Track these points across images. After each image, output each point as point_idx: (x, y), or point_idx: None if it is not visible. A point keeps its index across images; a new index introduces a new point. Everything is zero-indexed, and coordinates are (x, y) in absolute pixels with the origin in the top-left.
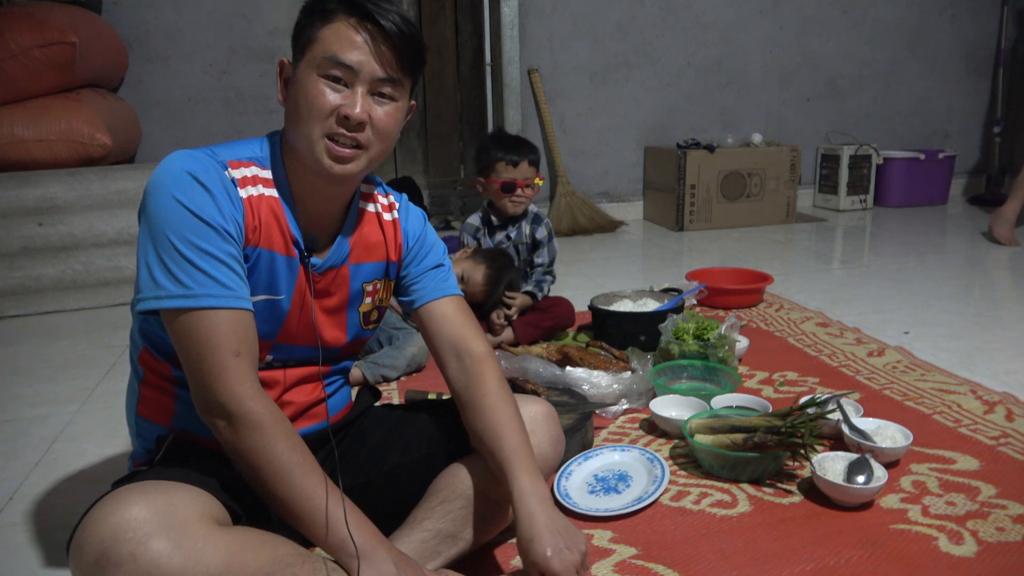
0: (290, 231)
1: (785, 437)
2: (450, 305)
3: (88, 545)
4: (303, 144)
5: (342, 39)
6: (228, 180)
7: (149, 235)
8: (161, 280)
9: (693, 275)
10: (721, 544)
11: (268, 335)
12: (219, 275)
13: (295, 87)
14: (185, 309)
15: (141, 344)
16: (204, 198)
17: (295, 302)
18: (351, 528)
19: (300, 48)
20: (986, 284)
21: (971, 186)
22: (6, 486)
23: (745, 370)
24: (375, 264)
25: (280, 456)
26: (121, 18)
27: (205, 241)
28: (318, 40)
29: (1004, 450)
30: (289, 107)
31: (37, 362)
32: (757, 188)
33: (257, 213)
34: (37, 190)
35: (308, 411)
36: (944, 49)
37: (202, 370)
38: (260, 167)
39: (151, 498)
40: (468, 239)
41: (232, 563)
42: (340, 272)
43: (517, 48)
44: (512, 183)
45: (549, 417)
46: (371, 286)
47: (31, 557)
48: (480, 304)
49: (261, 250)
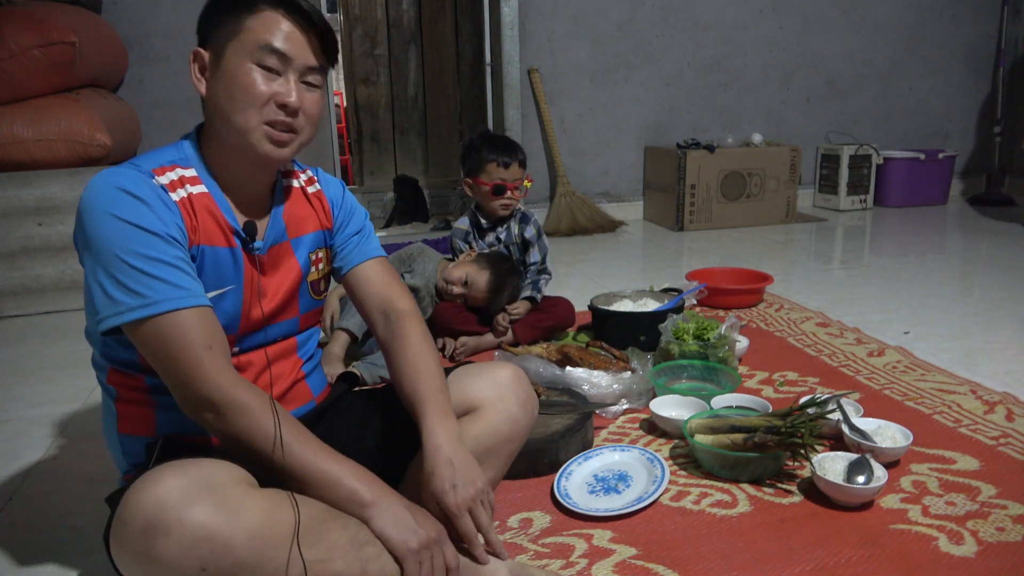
0: (227, 222)
1: (785, 437)
2: (375, 267)
3: (133, 521)
4: (237, 132)
5: (273, 28)
6: (158, 187)
7: (94, 257)
8: (117, 296)
9: (693, 275)
10: (721, 544)
11: (229, 327)
12: (172, 278)
13: (225, 77)
14: (147, 318)
15: (107, 366)
16: (140, 208)
17: (247, 289)
18: (358, 481)
19: (222, 38)
20: (986, 284)
21: (971, 186)
22: (6, 486)
23: (745, 370)
24: (313, 234)
25: (274, 431)
26: (121, 18)
27: (151, 249)
28: (246, 30)
29: (1004, 450)
30: (217, 96)
31: (37, 362)
32: (757, 188)
33: (192, 213)
34: (37, 190)
35: (290, 392)
36: (944, 49)
37: (179, 370)
38: (183, 167)
39: (185, 470)
40: (460, 244)
41: (271, 519)
42: (283, 247)
43: (517, 48)
44: (503, 185)
45: (515, 379)
46: (314, 255)
47: (31, 557)
48: (482, 308)
49: (204, 247)
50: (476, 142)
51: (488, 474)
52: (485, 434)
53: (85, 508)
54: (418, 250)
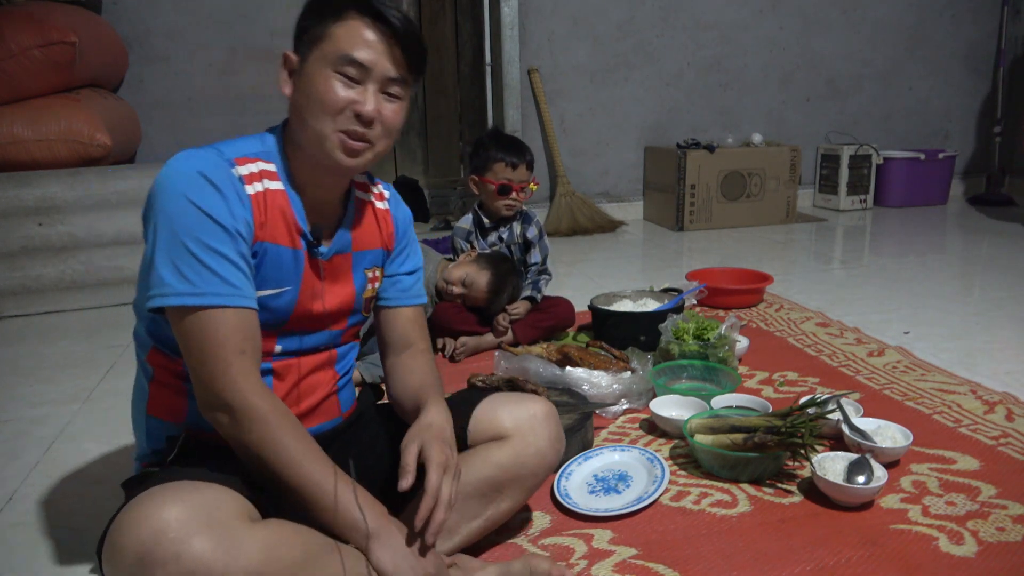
0: (297, 223)
1: (785, 437)
2: (415, 312)
3: (128, 547)
4: (313, 138)
5: (356, 38)
6: (236, 178)
7: (158, 233)
8: (167, 278)
9: (693, 275)
10: (721, 544)
11: (277, 325)
12: (226, 274)
13: (305, 82)
14: (191, 307)
15: (150, 343)
16: (215, 198)
17: (303, 291)
18: (362, 509)
19: (308, 43)
20: (986, 284)
21: (971, 186)
22: (6, 486)
23: (745, 370)
24: (374, 251)
25: (286, 446)
26: (121, 18)
27: (215, 240)
28: (330, 37)
29: (1004, 450)
30: (297, 101)
31: (37, 362)
32: (757, 188)
33: (264, 209)
34: (37, 190)
35: (321, 406)
36: (944, 49)
37: (205, 366)
38: (265, 161)
39: (186, 498)
40: (462, 243)
41: (270, 557)
42: (344, 258)
43: (517, 48)
44: (508, 186)
45: (549, 416)
46: (371, 272)
47: (31, 557)
48: (482, 308)
49: (267, 245)
50: (485, 140)
51: (504, 504)
52: (511, 462)
53: (85, 508)
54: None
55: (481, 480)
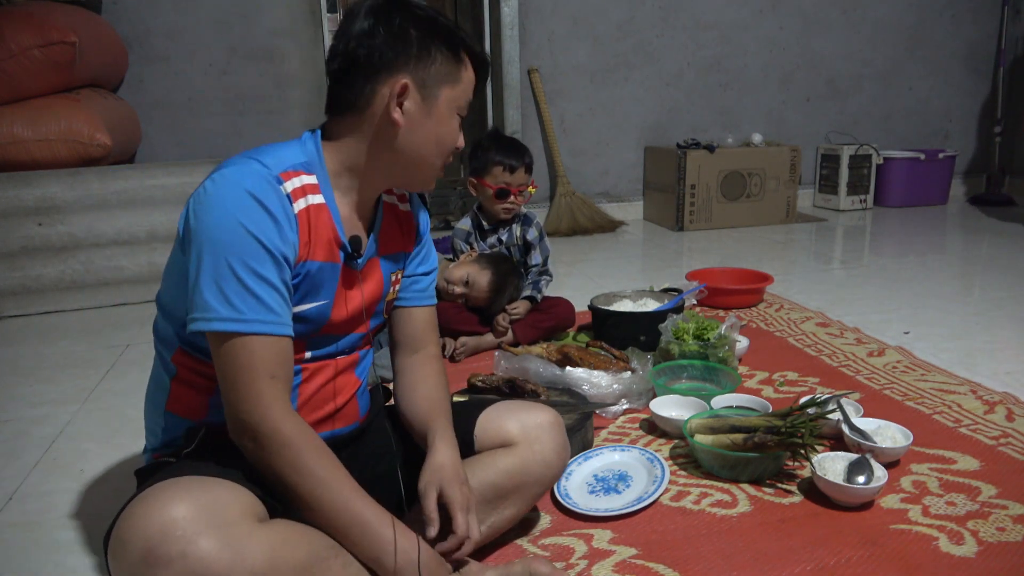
0: (338, 236)
1: (785, 437)
2: (428, 313)
3: (133, 543)
4: (421, 171)
5: (471, 83)
6: (284, 196)
7: (203, 254)
8: (212, 302)
9: (693, 275)
10: (721, 544)
11: (309, 334)
12: (270, 301)
13: (434, 121)
14: (232, 333)
15: (176, 343)
16: (267, 223)
17: (337, 302)
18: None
19: (436, 77)
20: (986, 284)
21: (971, 186)
22: (6, 486)
23: (745, 370)
24: (396, 255)
25: (313, 471)
26: (121, 18)
27: (262, 266)
28: (460, 81)
29: (1004, 450)
30: (417, 135)
31: (37, 362)
32: (757, 188)
33: (308, 227)
34: (37, 190)
35: (343, 410)
36: (944, 49)
37: (237, 390)
38: (307, 173)
39: (195, 496)
40: (461, 245)
41: (275, 559)
42: (374, 262)
43: (517, 48)
44: (506, 190)
45: (555, 425)
46: (394, 276)
47: (31, 557)
48: (482, 308)
49: (309, 264)
50: (484, 141)
51: (509, 511)
52: (517, 470)
53: (85, 508)
54: None
55: (486, 486)
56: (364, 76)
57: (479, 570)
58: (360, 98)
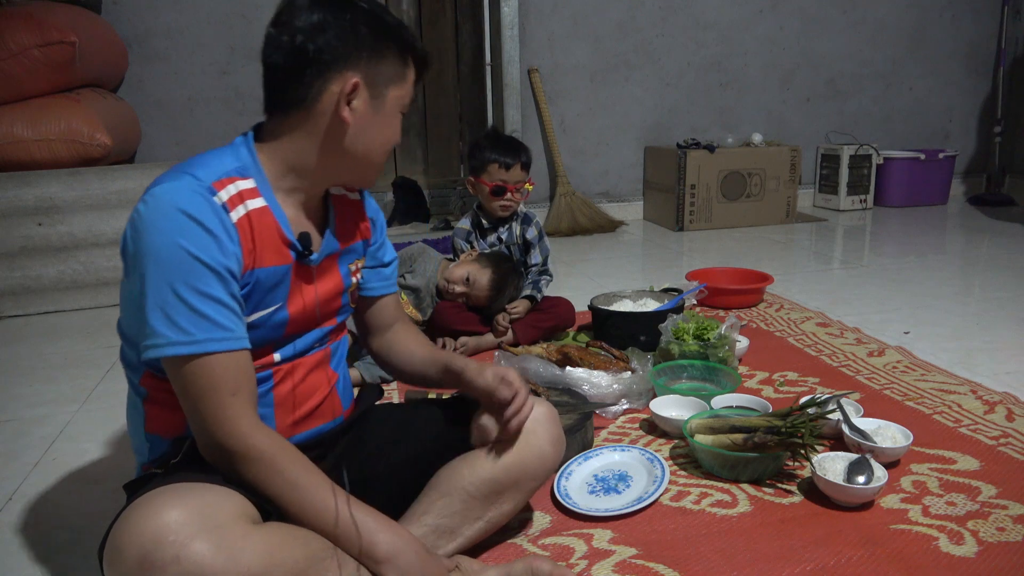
0: (285, 237)
1: (785, 437)
2: (393, 298)
3: (128, 550)
4: (365, 169)
5: (413, 88)
6: (219, 207)
7: (147, 281)
8: (160, 328)
9: (693, 275)
10: (721, 544)
11: (274, 339)
12: (219, 318)
13: (382, 119)
14: (186, 356)
15: (143, 368)
16: (205, 240)
17: (295, 302)
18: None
19: (385, 76)
20: (986, 284)
21: (971, 186)
22: (6, 486)
23: (745, 370)
24: (355, 245)
25: (290, 480)
26: (121, 18)
27: (207, 285)
28: (407, 79)
29: (1004, 450)
30: (364, 134)
31: (37, 362)
32: (757, 188)
33: (251, 234)
34: (37, 190)
35: (322, 406)
36: (944, 49)
37: (201, 411)
38: (242, 178)
39: (187, 501)
40: (462, 244)
41: (270, 560)
42: (332, 259)
43: (517, 48)
44: (503, 187)
45: (550, 418)
46: (354, 266)
47: (31, 557)
48: (483, 308)
49: (257, 272)
50: (482, 141)
51: (506, 506)
52: (513, 465)
53: (85, 508)
54: (419, 250)
55: (484, 481)
56: (313, 72)
57: (480, 569)
58: (308, 95)
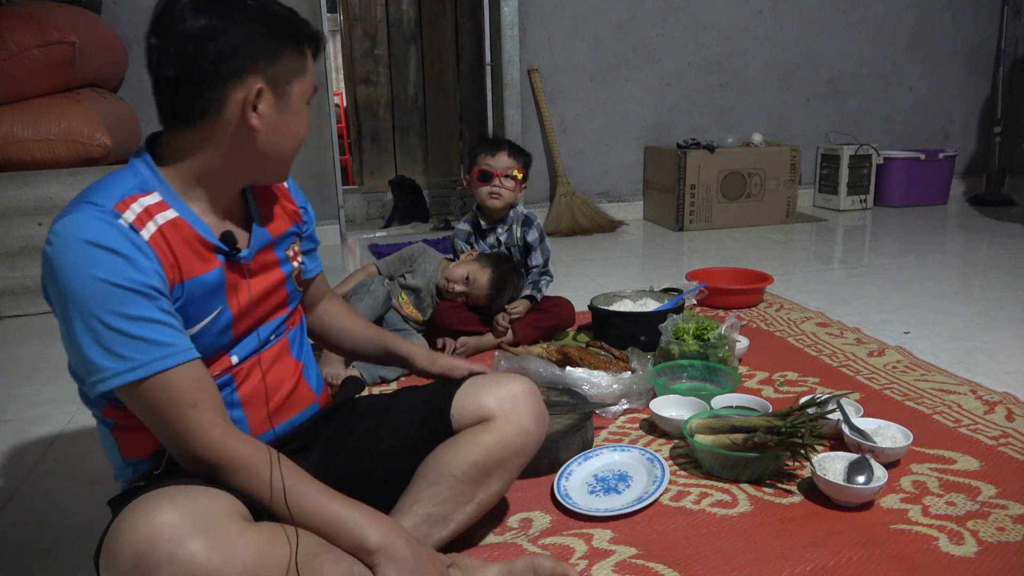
0: (207, 241)
1: (785, 437)
2: (320, 276)
3: (124, 552)
4: (278, 165)
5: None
6: (126, 228)
7: (72, 319)
8: (100, 361)
9: (693, 275)
10: (721, 544)
11: (224, 344)
12: (158, 336)
13: (290, 116)
14: (136, 381)
15: (102, 402)
16: (116, 262)
17: (234, 302)
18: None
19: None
20: (986, 284)
21: (971, 186)
22: (6, 486)
23: (745, 370)
24: (288, 231)
25: (271, 482)
26: (121, 18)
27: (132, 308)
28: (307, 70)
29: (1004, 450)
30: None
31: (37, 362)
32: (757, 188)
33: (167, 249)
34: (37, 190)
35: (292, 396)
36: (944, 49)
37: (166, 428)
38: (144, 194)
39: (180, 502)
40: (462, 245)
41: (266, 557)
42: (267, 250)
43: (517, 48)
44: (489, 172)
45: (530, 394)
46: (291, 251)
47: (31, 557)
48: (483, 308)
49: (186, 283)
50: (474, 141)
51: (495, 486)
52: (498, 445)
53: (85, 508)
54: (419, 250)
55: (471, 465)
56: (212, 83)
57: (480, 566)
58: (209, 107)
